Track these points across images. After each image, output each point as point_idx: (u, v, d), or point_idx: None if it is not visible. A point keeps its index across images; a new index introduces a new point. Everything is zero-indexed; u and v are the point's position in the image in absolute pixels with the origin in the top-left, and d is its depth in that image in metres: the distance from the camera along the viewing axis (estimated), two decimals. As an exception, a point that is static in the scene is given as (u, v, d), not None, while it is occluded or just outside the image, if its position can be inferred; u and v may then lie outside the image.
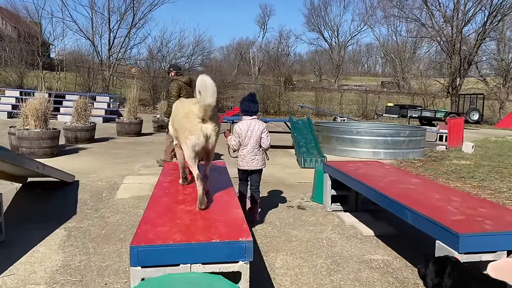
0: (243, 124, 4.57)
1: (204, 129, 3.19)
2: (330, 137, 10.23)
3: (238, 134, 4.56)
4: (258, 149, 4.62)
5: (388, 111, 23.33)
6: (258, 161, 4.65)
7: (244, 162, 4.64)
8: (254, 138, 4.54)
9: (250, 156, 4.59)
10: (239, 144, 4.59)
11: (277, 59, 37.36)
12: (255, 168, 4.67)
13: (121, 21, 24.54)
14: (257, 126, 4.55)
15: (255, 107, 4.58)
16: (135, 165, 7.97)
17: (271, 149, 10.86)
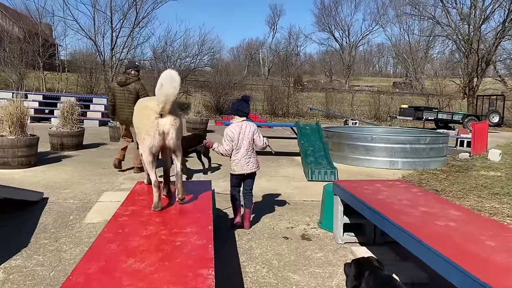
0: (234, 127, 4.39)
1: (161, 125, 3.01)
2: (342, 144, 9.19)
3: (230, 138, 4.36)
4: (252, 151, 4.47)
5: (402, 113, 22.15)
6: (253, 164, 4.48)
7: (239, 166, 4.42)
8: (247, 140, 4.39)
9: (244, 159, 4.41)
10: (231, 148, 4.38)
11: (286, 59, 36.28)
12: (250, 171, 4.49)
13: (124, 20, 23.75)
14: (248, 128, 4.41)
15: (247, 108, 4.50)
16: (119, 177, 7.03)
17: (276, 157, 9.89)
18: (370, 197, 3.71)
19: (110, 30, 23.65)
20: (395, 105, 27.69)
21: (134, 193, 3.74)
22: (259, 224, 4.82)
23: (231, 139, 4.37)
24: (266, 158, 9.45)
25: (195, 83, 25.50)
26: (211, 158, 7.65)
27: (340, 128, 11.07)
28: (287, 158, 9.72)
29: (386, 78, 62.94)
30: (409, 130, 11.61)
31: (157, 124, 3.02)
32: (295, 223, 4.92)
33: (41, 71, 22.79)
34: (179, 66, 24.94)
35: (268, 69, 56.16)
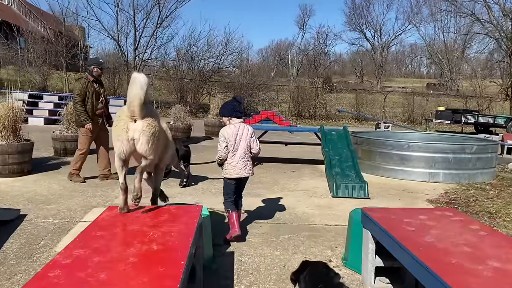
0: (230, 129, 4.20)
1: (130, 130, 2.92)
2: (373, 152, 8.08)
3: (225, 139, 4.16)
4: (249, 155, 4.27)
5: (439, 116, 20.59)
6: (250, 167, 4.30)
7: (236, 170, 4.19)
8: (244, 142, 4.20)
9: (242, 162, 4.20)
10: (227, 150, 4.17)
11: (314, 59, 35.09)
12: (248, 175, 4.31)
13: (147, 19, 23.23)
14: (246, 130, 4.23)
15: (242, 108, 4.38)
16: (116, 190, 6.17)
17: (296, 166, 8.88)
18: (413, 240, 2.66)
19: (133, 29, 23.19)
20: (430, 107, 26.06)
21: (94, 226, 2.82)
22: (266, 259, 3.84)
23: (226, 139, 4.16)
24: (286, 167, 8.45)
25: (218, 84, 24.69)
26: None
27: (371, 134, 9.91)
28: (310, 167, 8.67)
29: (419, 79, 61.19)
30: (450, 136, 10.32)
31: (126, 129, 2.91)
32: (313, 258, 3.89)
33: (64, 72, 22.50)
34: (202, 67, 24.22)
35: (297, 70, 55.07)
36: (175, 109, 12.16)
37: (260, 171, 7.92)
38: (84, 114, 6.30)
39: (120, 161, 3.07)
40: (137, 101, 2.81)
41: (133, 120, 2.91)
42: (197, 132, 13.36)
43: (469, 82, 36.27)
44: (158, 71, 25.83)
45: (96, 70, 6.50)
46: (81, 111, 6.29)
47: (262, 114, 17.40)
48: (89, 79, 6.44)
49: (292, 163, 9.02)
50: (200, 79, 23.76)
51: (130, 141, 2.94)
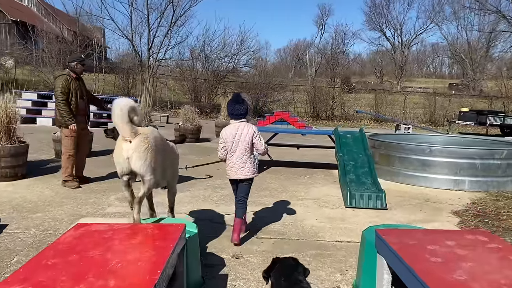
0: (230, 129, 4.13)
1: (124, 150, 3.06)
2: (391, 156, 7.46)
3: (223, 140, 4.14)
4: (248, 156, 4.14)
5: (462, 118, 19.72)
6: (248, 169, 4.14)
7: (233, 171, 4.14)
8: (243, 143, 4.09)
9: (239, 163, 4.11)
10: (225, 150, 4.16)
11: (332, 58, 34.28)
12: (246, 177, 4.16)
13: (161, 19, 22.93)
14: (245, 130, 4.09)
15: (241, 109, 4.12)
16: (110, 196, 5.74)
17: (308, 171, 8.31)
18: (439, 276, 2.09)
19: (147, 29, 22.93)
20: (452, 108, 25.09)
21: (50, 251, 2.35)
22: (265, 285, 3.30)
23: (224, 141, 4.13)
24: (298, 172, 7.89)
25: (233, 84, 24.25)
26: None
27: (389, 137, 9.24)
28: (323, 172, 8.10)
29: (441, 80, 59.87)
30: (476, 139, 9.57)
31: (121, 149, 3.07)
32: (319, 283, 3.35)
33: (79, 72, 22.38)
34: (217, 67, 23.82)
35: (315, 70, 54.34)
36: (184, 109, 11.74)
37: (268, 176, 7.39)
38: (68, 114, 5.90)
39: (123, 182, 3.24)
40: (119, 123, 2.98)
41: (127, 141, 3.04)
42: (207, 133, 12.92)
43: (494, 82, 35.06)
44: (172, 71, 25.53)
45: (78, 66, 6.11)
46: (65, 111, 5.89)
47: (276, 114, 16.80)
48: (72, 76, 6.03)
49: (304, 168, 8.46)
50: (214, 79, 23.38)
51: (125, 160, 3.07)
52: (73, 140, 6.09)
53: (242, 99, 4.23)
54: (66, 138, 6.08)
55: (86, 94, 6.40)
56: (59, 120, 6.10)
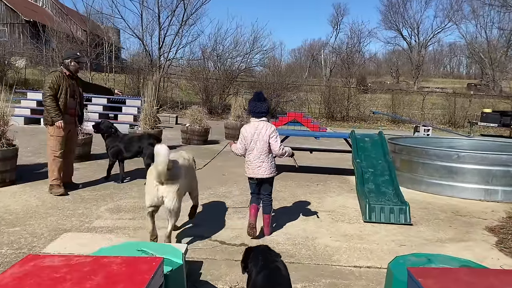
0: (250, 127, 4.19)
1: (161, 191, 3.61)
2: (414, 162, 6.76)
3: (243, 137, 4.20)
4: (266, 155, 4.15)
5: (484, 119, 18.78)
6: (266, 169, 4.16)
7: (250, 169, 4.19)
8: (260, 142, 4.12)
9: (256, 162, 4.14)
10: (243, 148, 4.21)
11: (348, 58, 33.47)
12: (262, 177, 4.17)
13: (172, 17, 22.46)
14: (264, 129, 4.12)
15: (263, 107, 4.19)
16: (101, 207, 5.18)
17: (322, 178, 7.66)
18: None
19: (158, 28, 22.49)
20: (473, 109, 24.07)
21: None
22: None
23: (244, 138, 4.20)
24: (310, 178, 7.24)
25: (245, 83, 23.66)
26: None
27: (411, 140, 8.50)
28: (338, 179, 7.43)
29: (459, 80, 58.69)
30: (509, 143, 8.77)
31: (157, 189, 3.62)
32: (334, 326, 2.71)
33: (88, 71, 22.07)
34: (229, 66, 23.26)
35: (330, 70, 53.53)
36: (192, 110, 11.17)
37: (279, 183, 6.76)
38: (54, 110, 5.38)
39: (149, 212, 3.71)
40: (162, 171, 3.48)
41: (160, 183, 3.59)
42: (216, 135, 12.34)
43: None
44: (183, 71, 25.07)
45: (73, 64, 5.62)
46: (51, 106, 5.38)
47: (289, 115, 16.13)
48: (65, 73, 5.52)
49: (317, 173, 7.81)
50: (226, 78, 22.82)
51: (159, 199, 3.63)
52: (60, 140, 5.57)
53: (264, 97, 4.30)
54: (51, 138, 5.57)
55: (79, 95, 5.89)
56: (46, 118, 5.58)
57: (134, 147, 6.41)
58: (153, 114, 9.53)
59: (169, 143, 10.85)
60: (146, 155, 6.26)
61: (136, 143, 6.45)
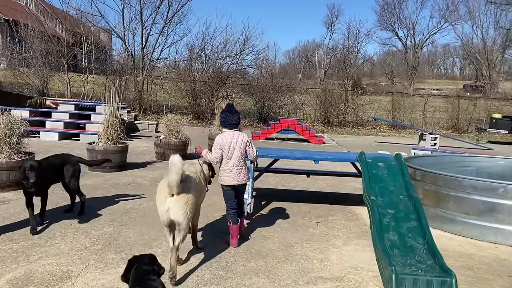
0: (226, 136, 4.31)
1: (168, 203, 3.51)
2: (442, 195, 5.19)
3: (220, 146, 4.27)
4: (244, 162, 4.37)
5: (494, 125, 17.32)
6: (244, 175, 4.37)
7: (230, 177, 4.30)
8: (238, 150, 4.30)
9: (236, 169, 4.30)
10: (220, 156, 4.29)
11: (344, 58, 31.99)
12: (243, 183, 4.38)
13: (156, 15, 20.78)
14: (240, 138, 4.33)
15: (234, 119, 4.36)
16: (3, 276, 3.53)
17: (321, 210, 6.08)
18: None
19: (141, 26, 20.79)
20: (477, 113, 22.65)
21: None
22: None
23: (221, 147, 4.28)
24: (307, 210, 5.62)
25: (235, 86, 22.02)
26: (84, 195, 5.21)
27: (431, 161, 6.86)
28: (343, 211, 5.85)
29: (453, 81, 57.75)
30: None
31: (165, 202, 3.52)
32: None
33: (66, 74, 20.32)
34: (218, 68, 21.61)
35: (325, 72, 52.17)
36: (167, 119, 9.50)
37: (266, 222, 5.16)
38: None
39: (166, 227, 3.63)
40: (175, 184, 3.44)
41: (170, 195, 3.51)
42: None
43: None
44: (168, 73, 23.40)
45: None
46: None
47: (282, 122, 14.58)
48: None
49: (315, 202, 6.23)
50: (215, 81, 21.18)
51: (167, 212, 3.52)
52: None
53: (236, 109, 4.43)
54: None
55: None
56: None
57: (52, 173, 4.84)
58: (115, 125, 7.87)
59: (140, 159, 9.23)
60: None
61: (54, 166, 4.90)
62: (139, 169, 8.22)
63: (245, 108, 22.07)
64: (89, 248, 4.14)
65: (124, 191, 6.49)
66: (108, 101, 8.19)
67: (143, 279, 2.34)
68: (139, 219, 5.13)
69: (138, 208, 5.57)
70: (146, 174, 7.78)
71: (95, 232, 4.58)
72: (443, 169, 6.32)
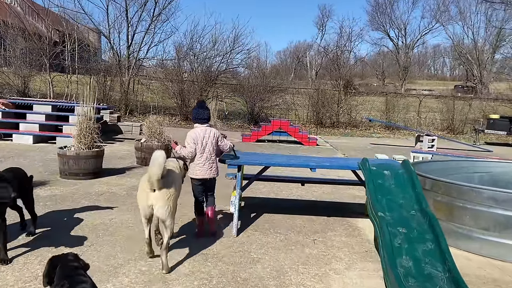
0: (199, 131, 4.45)
1: (150, 199, 3.51)
2: (457, 208, 4.54)
3: (194, 140, 4.40)
4: (215, 157, 4.54)
5: (491, 126, 16.82)
6: (215, 169, 4.53)
7: (202, 171, 4.43)
8: (211, 144, 4.46)
9: (208, 164, 4.45)
10: (195, 151, 4.40)
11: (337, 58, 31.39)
12: (213, 176, 4.53)
13: (142, 11, 19.98)
14: (212, 133, 4.49)
15: (205, 114, 4.54)
16: None
17: (318, 224, 5.34)
18: None
19: (126, 24, 19.98)
20: (473, 113, 22.21)
21: None
22: None
23: (195, 141, 4.39)
24: (302, 224, 4.92)
25: (225, 86, 21.30)
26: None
27: (438, 166, 6.20)
28: (342, 224, 5.18)
29: (443, 81, 57.85)
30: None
31: (147, 198, 3.52)
32: None
33: (48, 73, 19.45)
34: (207, 67, 20.87)
35: (316, 72, 51.73)
36: (149, 121, 8.76)
37: (256, 240, 4.47)
38: None
39: (144, 218, 3.61)
40: (155, 179, 3.42)
41: (152, 190, 3.50)
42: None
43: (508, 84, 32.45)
44: (156, 72, 22.62)
45: None
46: None
47: (273, 124, 13.89)
48: None
49: (310, 214, 5.55)
50: (204, 80, 20.44)
51: (149, 208, 3.52)
52: None
53: (206, 106, 4.73)
54: None
55: None
56: None
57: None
58: (90, 128, 7.12)
59: (119, 164, 8.47)
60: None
61: None
62: (117, 176, 7.46)
63: (236, 108, 21.38)
64: (41, 278, 3.41)
65: (96, 202, 5.74)
66: (82, 100, 7.42)
67: (71, 275, 2.28)
68: (107, 237, 4.40)
69: (109, 224, 4.85)
70: (123, 181, 7.03)
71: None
72: (450, 175, 5.70)
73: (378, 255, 4.14)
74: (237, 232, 4.64)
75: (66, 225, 4.70)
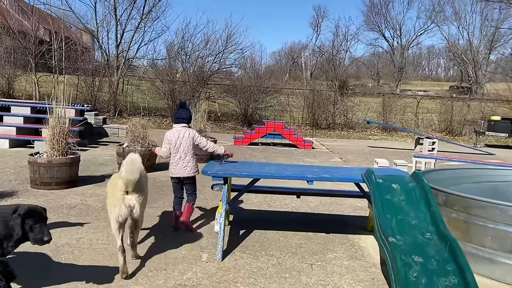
0: (173, 132, 4.65)
1: (126, 201, 3.52)
2: (475, 227, 3.93)
3: (168, 141, 4.65)
4: (191, 156, 4.66)
5: (493, 128, 16.29)
6: (190, 169, 4.66)
7: (176, 170, 4.64)
8: (184, 144, 4.61)
9: (182, 163, 4.62)
10: (168, 151, 4.66)
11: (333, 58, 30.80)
12: (188, 175, 4.66)
13: (131, 9, 19.26)
14: (187, 134, 4.63)
15: (183, 113, 4.71)
16: None
17: (316, 243, 4.69)
18: None
19: (115, 22, 19.26)
20: (472, 115, 21.74)
21: None
22: None
23: (169, 142, 4.64)
24: (297, 244, 4.27)
25: (218, 87, 20.64)
26: None
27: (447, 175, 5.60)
28: (343, 243, 4.55)
29: (437, 82, 57.71)
30: None
31: (123, 199, 3.51)
32: None
33: (33, 73, 18.70)
34: (199, 67, 20.19)
35: (311, 73, 51.19)
36: (131, 124, 8.10)
37: (244, 265, 3.83)
38: None
39: (117, 223, 3.51)
40: (131, 184, 3.46)
41: (125, 192, 3.52)
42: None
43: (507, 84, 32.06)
44: (145, 72, 21.92)
45: None
46: None
47: (267, 126, 13.25)
48: None
49: (308, 230, 4.93)
50: (196, 81, 19.77)
51: (127, 208, 3.52)
52: None
53: (187, 107, 5.13)
54: None
55: None
56: None
57: None
58: (64, 132, 6.45)
59: (99, 171, 7.77)
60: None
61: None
62: (94, 184, 6.79)
63: (229, 110, 20.74)
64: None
65: (66, 217, 5.09)
66: (56, 101, 6.76)
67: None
68: (69, 264, 3.76)
69: (75, 245, 4.20)
70: (100, 191, 6.36)
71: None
72: (462, 185, 5.13)
73: (387, 284, 3.53)
74: (223, 255, 4.01)
75: (23, 246, 4.04)
